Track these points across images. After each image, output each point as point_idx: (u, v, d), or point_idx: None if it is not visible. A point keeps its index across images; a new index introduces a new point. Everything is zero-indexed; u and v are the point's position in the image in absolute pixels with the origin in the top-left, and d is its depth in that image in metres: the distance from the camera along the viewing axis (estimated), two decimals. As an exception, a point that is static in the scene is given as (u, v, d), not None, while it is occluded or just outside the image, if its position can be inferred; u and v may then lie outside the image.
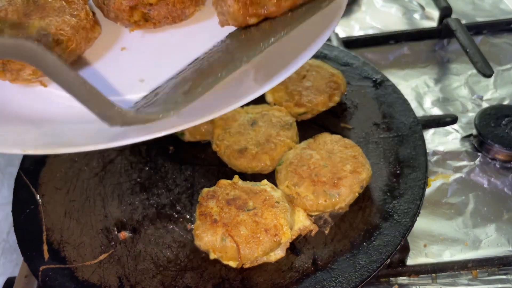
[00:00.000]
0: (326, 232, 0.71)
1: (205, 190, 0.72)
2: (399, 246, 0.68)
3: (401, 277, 0.75)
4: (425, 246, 0.77)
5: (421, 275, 0.74)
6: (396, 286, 0.74)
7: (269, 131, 0.80)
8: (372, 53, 1.15)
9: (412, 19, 1.25)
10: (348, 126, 0.86)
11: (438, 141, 0.93)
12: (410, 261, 0.75)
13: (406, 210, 0.71)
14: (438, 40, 1.16)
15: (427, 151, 0.80)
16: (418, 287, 0.73)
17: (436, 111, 0.99)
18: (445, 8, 1.15)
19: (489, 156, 0.89)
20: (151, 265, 0.70)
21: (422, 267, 0.74)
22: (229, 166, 0.81)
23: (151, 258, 0.71)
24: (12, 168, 0.92)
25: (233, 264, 0.67)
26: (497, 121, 0.90)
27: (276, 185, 0.74)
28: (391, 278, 0.75)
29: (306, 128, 0.85)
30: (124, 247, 0.72)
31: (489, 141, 0.88)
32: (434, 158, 0.90)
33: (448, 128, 0.95)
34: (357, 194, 0.72)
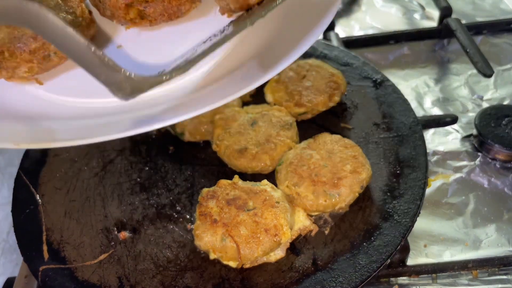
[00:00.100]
0: (326, 232, 0.71)
1: (205, 190, 0.72)
2: (399, 246, 0.67)
3: (401, 277, 0.74)
4: (425, 246, 0.77)
5: (421, 275, 0.74)
6: (396, 286, 0.74)
7: (269, 131, 0.80)
8: (372, 53, 1.15)
9: (412, 19, 1.25)
10: (348, 126, 0.86)
11: (438, 141, 0.93)
12: (410, 261, 0.75)
13: (406, 210, 0.71)
14: (438, 40, 1.16)
15: (427, 151, 0.80)
16: (419, 287, 0.73)
17: (436, 111, 0.99)
18: (445, 8, 1.15)
19: (489, 156, 0.89)
20: (151, 265, 0.70)
21: (422, 267, 0.74)
22: (229, 166, 0.81)
23: (151, 258, 0.71)
24: (12, 168, 0.92)
25: (233, 264, 0.67)
26: (497, 121, 0.90)
27: (276, 185, 0.74)
28: (391, 278, 0.75)
29: (306, 128, 0.85)
30: (124, 247, 0.72)
31: (489, 141, 0.88)
32: (434, 158, 0.90)
33: (448, 128, 0.95)
34: (357, 194, 0.71)
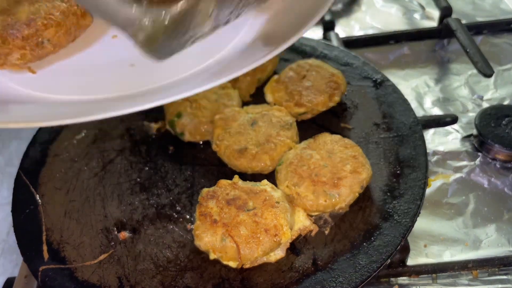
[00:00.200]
0: (326, 232, 0.71)
1: (205, 190, 0.72)
2: (399, 246, 0.67)
3: (402, 277, 0.74)
4: (425, 246, 0.77)
5: (422, 275, 0.74)
6: (397, 286, 0.74)
7: (269, 131, 0.80)
8: (372, 53, 1.15)
9: (412, 19, 1.25)
10: (348, 126, 0.86)
11: (438, 141, 0.93)
12: (410, 261, 0.75)
13: (406, 210, 0.71)
14: (438, 40, 1.16)
15: (427, 151, 0.79)
16: (419, 287, 0.73)
17: (436, 111, 0.99)
18: (445, 8, 1.15)
19: (489, 156, 0.89)
20: (151, 265, 0.70)
21: (423, 267, 0.74)
22: (229, 166, 0.80)
23: (151, 258, 0.71)
24: (12, 168, 0.92)
25: (233, 264, 0.67)
26: (498, 121, 0.90)
27: (276, 185, 0.74)
28: (391, 278, 0.75)
29: (306, 128, 0.85)
30: (124, 247, 0.72)
31: (489, 141, 0.88)
32: (434, 158, 0.90)
33: (448, 128, 0.95)
34: (357, 194, 0.71)
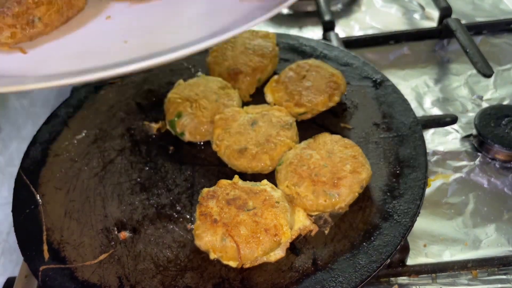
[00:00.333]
0: (326, 232, 0.71)
1: (205, 190, 0.72)
2: (399, 246, 0.67)
3: (401, 277, 0.75)
4: (425, 246, 0.77)
5: (421, 275, 0.74)
6: (396, 286, 0.74)
7: (269, 131, 0.80)
8: (372, 53, 1.15)
9: (412, 19, 1.25)
10: (348, 126, 0.86)
11: (438, 141, 0.93)
12: (410, 261, 0.75)
13: (406, 210, 0.71)
14: (438, 40, 1.16)
15: (427, 151, 0.80)
16: (418, 287, 0.73)
17: (436, 111, 0.99)
18: (445, 8, 1.15)
19: (489, 156, 0.89)
20: (151, 265, 0.70)
21: (422, 267, 0.74)
22: (229, 166, 0.81)
23: (151, 258, 0.71)
24: (12, 168, 0.92)
25: (233, 264, 0.67)
26: (497, 121, 0.90)
27: (276, 185, 0.74)
28: (391, 278, 0.75)
29: (306, 128, 0.85)
30: (124, 247, 0.72)
31: (489, 141, 0.88)
32: (434, 158, 0.90)
33: (448, 128, 0.95)
34: (357, 194, 0.72)
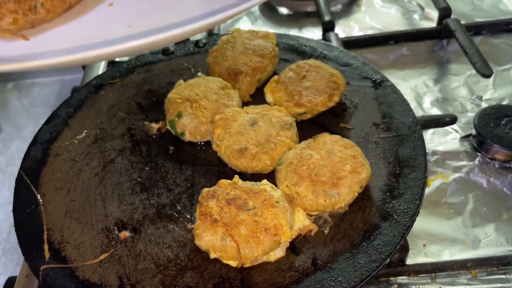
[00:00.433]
0: (326, 232, 0.71)
1: (205, 190, 0.72)
2: (399, 246, 0.68)
3: (401, 277, 0.75)
4: (425, 246, 0.78)
5: (421, 275, 0.75)
6: (396, 286, 0.74)
7: (269, 131, 0.80)
8: (372, 54, 1.15)
9: (412, 20, 1.25)
10: (348, 126, 0.86)
11: (438, 141, 0.93)
12: (410, 261, 0.75)
13: (406, 210, 0.71)
14: (438, 41, 1.16)
15: (427, 151, 0.80)
16: (418, 287, 0.73)
17: (436, 111, 0.99)
18: (445, 9, 1.15)
19: (488, 156, 0.89)
20: (152, 265, 0.70)
21: (422, 267, 0.74)
22: (229, 166, 0.81)
23: (152, 258, 0.71)
24: (13, 168, 0.92)
25: (233, 264, 0.67)
26: (496, 121, 0.91)
27: (276, 185, 0.75)
28: (391, 278, 0.75)
29: (306, 128, 0.85)
30: (125, 247, 0.73)
31: (488, 141, 0.88)
32: (434, 158, 0.90)
33: (448, 128, 0.95)
34: (357, 194, 0.72)
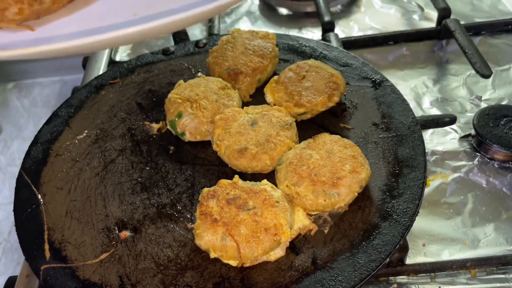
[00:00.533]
0: (326, 232, 0.71)
1: (206, 190, 0.72)
2: (398, 246, 0.68)
3: (400, 276, 0.75)
4: (424, 246, 0.78)
5: (420, 274, 0.75)
6: (395, 285, 0.74)
7: (269, 131, 0.80)
8: (372, 54, 1.15)
9: (411, 20, 1.25)
10: (348, 126, 0.86)
11: (437, 141, 0.94)
12: (409, 260, 0.75)
13: (405, 210, 0.71)
14: (437, 41, 1.16)
15: (426, 151, 0.80)
16: (417, 286, 0.74)
17: (435, 111, 1.00)
18: (444, 9, 1.15)
19: (488, 156, 0.89)
20: (152, 264, 0.70)
21: (421, 266, 0.74)
22: (229, 166, 0.81)
23: (152, 258, 0.71)
24: (14, 168, 0.93)
25: (233, 263, 0.67)
26: (496, 121, 0.91)
27: (276, 185, 0.75)
28: (390, 277, 0.75)
29: (306, 128, 0.85)
30: (125, 246, 0.73)
31: (488, 141, 0.88)
32: (433, 158, 0.90)
33: (447, 128, 0.95)
34: (356, 194, 0.72)
